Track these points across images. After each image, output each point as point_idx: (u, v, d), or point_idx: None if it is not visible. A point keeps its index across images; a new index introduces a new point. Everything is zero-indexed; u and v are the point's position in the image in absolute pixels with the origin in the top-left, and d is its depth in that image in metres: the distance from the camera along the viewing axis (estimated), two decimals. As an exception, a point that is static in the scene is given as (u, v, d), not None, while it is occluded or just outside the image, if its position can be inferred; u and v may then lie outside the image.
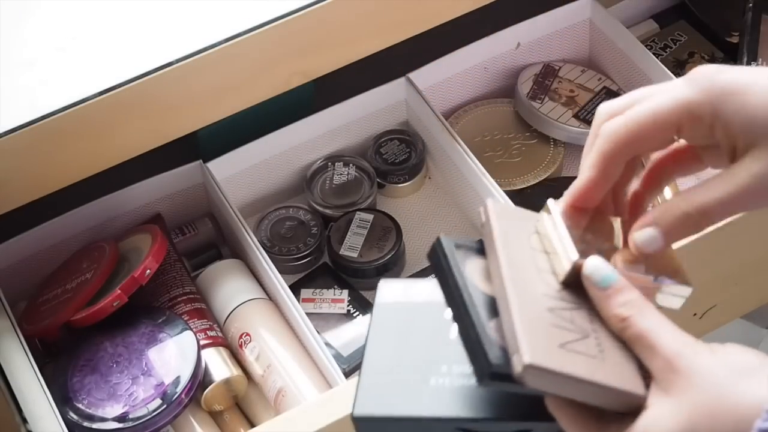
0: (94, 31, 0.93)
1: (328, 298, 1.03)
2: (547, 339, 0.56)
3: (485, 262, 0.60)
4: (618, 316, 0.58)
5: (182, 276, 1.01)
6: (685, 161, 0.65)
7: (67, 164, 0.92)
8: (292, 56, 0.95)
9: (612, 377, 0.56)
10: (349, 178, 1.10)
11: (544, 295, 0.59)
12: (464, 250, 0.61)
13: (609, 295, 0.59)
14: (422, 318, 0.63)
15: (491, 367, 0.55)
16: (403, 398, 0.60)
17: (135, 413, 0.89)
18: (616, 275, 0.59)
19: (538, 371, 0.54)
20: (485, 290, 0.59)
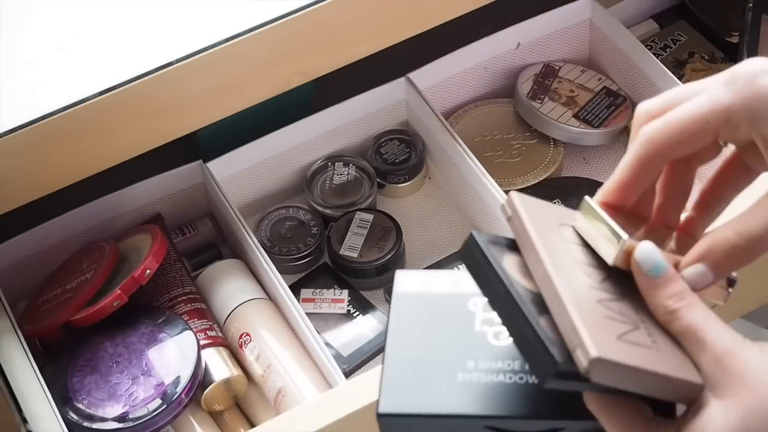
0: (94, 31, 0.93)
1: (328, 298, 1.03)
2: (605, 331, 0.55)
3: (519, 258, 0.58)
4: (666, 307, 0.57)
5: (182, 276, 1.01)
6: (735, 178, 0.63)
7: (67, 164, 0.92)
8: (292, 56, 0.95)
9: (671, 367, 0.55)
10: (349, 178, 1.10)
11: (590, 287, 0.57)
12: (497, 245, 0.59)
13: (658, 285, 0.57)
14: (444, 310, 0.61)
15: (557, 365, 0.53)
16: (429, 395, 0.58)
17: (135, 413, 0.89)
18: (667, 264, 0.58)
19: (605, 365, 0.53)
20: (529, 287, 0.57)
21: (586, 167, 1.12)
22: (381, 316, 1.01)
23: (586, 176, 1.10)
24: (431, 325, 0.61)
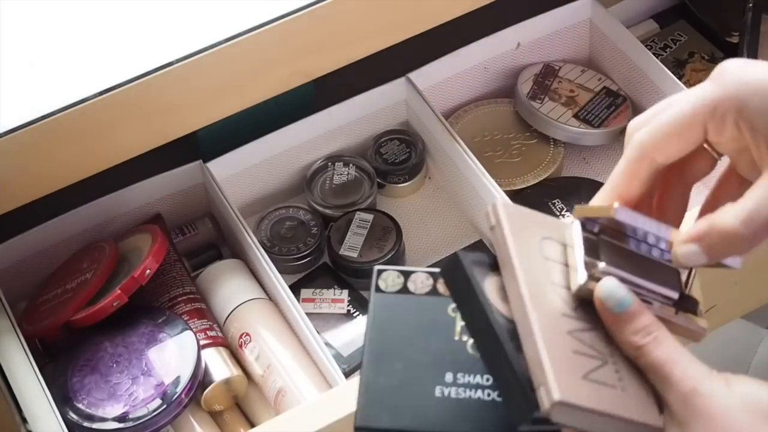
0: (95, 31, 0.93)
1: (328, 298, 1.03)
2: (571, 370, 0.55)
3: (500, 279, 0.58)
4: (632, 343, 0.56)
5: (182, 276, 1.01)
6: (732, 192, 0.62)
7: (67, 164, 0.92)
8: (292, 56, 0.95)
9: (633, 409, 0.55)
10: (349, 178, 1.10)
11: (563, 316, 0.57)
12: (480, 267, 0.59)
13: (623, 321, 0.57)
14: (424, 314, 0.61)
15: (533, 413, 0.54)
16: (407, 410, 0.58)
17: (135, 413, 0.89)
18: (631, 298, 0.57)
19: (566, 407, 0.53)
20: (505, 312, 0.57)
21: (586, 167, 1.12)
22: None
23: (586, 176, 1.10)
24: (410, 332, 0.60)
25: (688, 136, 0.60)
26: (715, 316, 1.00)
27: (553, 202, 1.07)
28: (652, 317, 0.57)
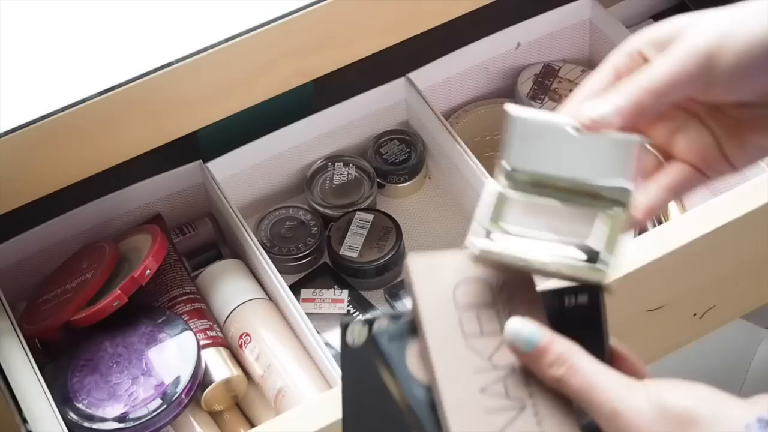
0: (95, 31, 0.93)
1: (328, 298, 1.03)
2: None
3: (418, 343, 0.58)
4: (551, 377, 0.57)
5: (182, 276, 1.01)
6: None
7: (67, 164, 0.92)
8: (292, 56, 0.95)
9: None
10: (349, 178, 1.10)
11: (476, 372, 0.57)
12: (399, 335, 0.59)
13: (537, 357, 0.57)
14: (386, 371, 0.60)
15: None
16: None
17: (135, 413, 0.89)
18: (539, 334, 0.58)
19: None
20: (423, 379, 0.57)
21: (586, 167, 1.12)
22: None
23: (586, 176, 1.10)
24: (379, 385, 0.59)
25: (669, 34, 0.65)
26: (715, 316, 1.00)
27: (553, 202, 1.07)
28: (563, 344, 0.58)
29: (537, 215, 0.65)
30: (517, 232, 0.63)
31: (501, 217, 0.63)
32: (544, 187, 0.65)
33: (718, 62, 0.63)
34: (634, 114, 0.65)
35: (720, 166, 0.68)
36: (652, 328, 0.96)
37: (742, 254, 0.96)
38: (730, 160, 0.68)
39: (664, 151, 0.69)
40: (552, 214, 0.65)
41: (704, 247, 0.89)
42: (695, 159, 0.68)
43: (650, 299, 0.92)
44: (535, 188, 0.65)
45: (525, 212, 0.65)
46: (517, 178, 0.65)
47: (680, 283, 0.93)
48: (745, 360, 1.27)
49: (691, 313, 0.98)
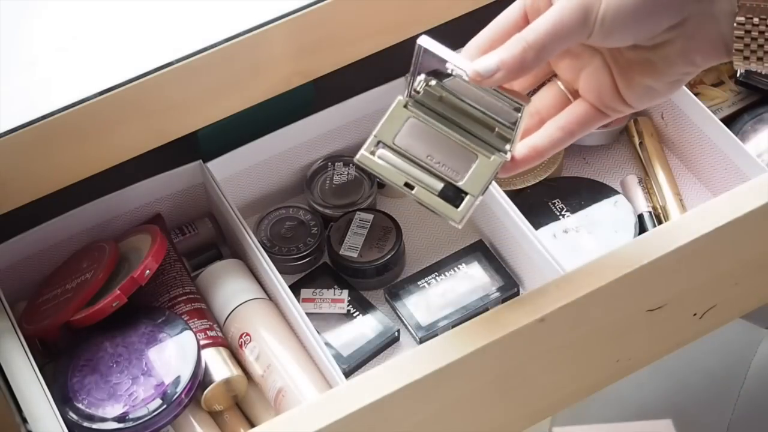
0: (95, 31, 0.93)
1: (328, 298, 1.03)
2: None
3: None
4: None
5: (182, 276, 1.01)
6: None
7: (67, 164, 0.92)
8: (292, 56, 0.95)
9: None
10: (349, 178, 1.10)
11: None
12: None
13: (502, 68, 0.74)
14: None
15: None
16: None
17: (135, 413, 0.89)
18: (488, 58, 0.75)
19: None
20: None
21: (586, 167, 1.12)
22: (381, 316, 1.01)
23: (586, 176, 1.10)
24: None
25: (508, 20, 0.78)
26: (715, 316, 1.00)
27: (553, 202, 1.07)
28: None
29: (427, 141, 0.77)
30: (402, 150, 0.77)
31: (394, 132, 0.77)
32: (448, 110, 0.78)
33: (593, 14, 0.71)
34: (517, 68, 0.73)
35: (615, 104, 0.76)
36: (652, 328, 0.96)
37: (742, 254, 0.96)
38: (623, 98, 0.76)
39: (571, 88, 0.78)
40: (440, 144, 0.77)
41: (704, 247, 0.89)
42: (594, 97, 0.79)
43: (650, 299, 0.92)
44: (438, 111, 0.78)
45: (418, 135, 0.77)
46: (426, 97, 0.78)
47: (680, 283, 0.93)
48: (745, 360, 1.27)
49: (691, 313, 0.98)
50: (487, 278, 1.02)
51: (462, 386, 0.86)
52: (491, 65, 0.73)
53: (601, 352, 0.95)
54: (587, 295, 0.85)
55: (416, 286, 1.02)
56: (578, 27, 0.72)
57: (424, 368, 0.82)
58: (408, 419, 0.85)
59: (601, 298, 0.86)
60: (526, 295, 0.87)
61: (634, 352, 0.98)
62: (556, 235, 1.03)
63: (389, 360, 0.97)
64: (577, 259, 0.96)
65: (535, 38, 0.72)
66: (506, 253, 1.03)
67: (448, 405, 0.88)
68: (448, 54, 0.75)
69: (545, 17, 0.72)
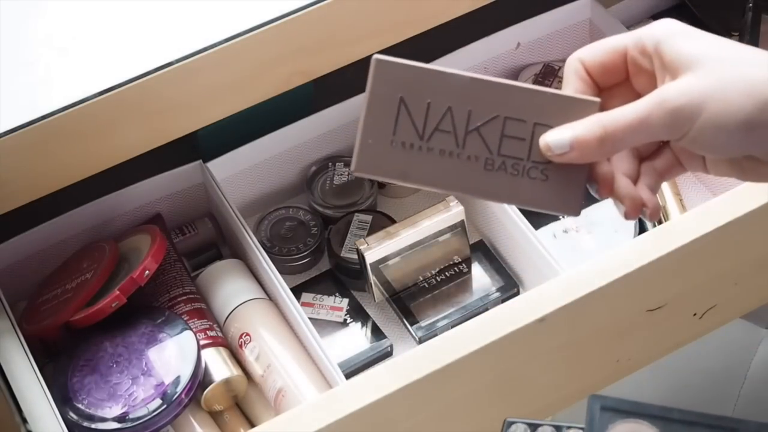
0: (95, 31, 0.93)
1: (327, 305, 1.03)
2: None
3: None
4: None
5: (182, 276, 1.01)
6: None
7: (67, 164, 0.92)
8: (292, 56, 0.95)
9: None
10: (350, 178, 1.10)
11: None
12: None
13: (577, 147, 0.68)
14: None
15: None
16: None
17: (135, 413, 0.89)
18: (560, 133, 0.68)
19: None
20: None
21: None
22: (377, 329, 1.01)
23: (586, 176, 1.10)
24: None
25: (613, 56, 0.70)
26: (715, 316, 1.00)
27: (553, 202, 1.07)
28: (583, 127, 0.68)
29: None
30: None
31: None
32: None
33: (686, 124, 0.66)
34: (591, 154, 0.68)
35: (693, 164, 0.71)
36: (652, 328, 0.96)
37: (742, 254, 0.96)
38: (707, 169, 0.71)
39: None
40: None
41: (704, 247, 0.89)
42: (678, 150, 0.71)
43: (650, 299, 0.92)
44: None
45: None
46: None
47: (680, 283, 0.93)
48: (745, 360, 1.27)
49: (691, 313, 0.98)
50: (487, 278, 1.02)
51: (462, 386, 0.86)
52: (564, 142, 0.68)
53: (601, 352, 0.95)
54: (587, 295, 0.85)
55: (416, 285, 1.02)
56: (664, 131, 0.67)
57: (424, 368, 0.82)
58: (408, 419, 0.85)
59: (601, 298, 0.86)
60: (526, 295, 0.87)
61: (634, 352, 0.98)
62: (556, 235, 1.03)
63: (389, 360, 0.97)
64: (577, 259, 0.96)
65: (615, 130, 0.67)
66: (506, 253, 1.03)
67: (448, 405, 0.88)
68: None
69: (631, 110, 0.67)
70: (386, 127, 0.69)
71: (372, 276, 1.00)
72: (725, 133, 0.65)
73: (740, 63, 0.66)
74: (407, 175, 0.68)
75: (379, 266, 1.00)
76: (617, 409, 0.61)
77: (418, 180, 0.67)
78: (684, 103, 0.65)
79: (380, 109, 0.70)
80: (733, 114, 0.65)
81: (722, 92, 0.65)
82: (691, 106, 0.65)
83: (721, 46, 0.68)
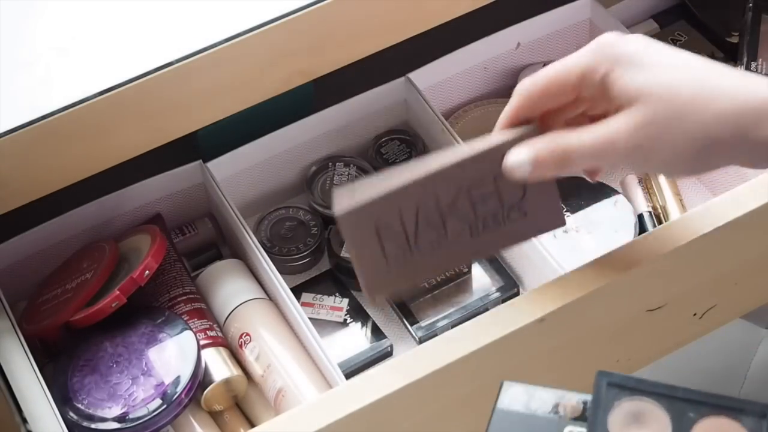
0: (94, 31, 0.93)
1: (327, 305, 1.03)
2: None
3: None
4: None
5: (182, 276, 1.01)
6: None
7: (68, 164, 0.92)
8: (292, 56, 0.95)
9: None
10: (350, 178, 1.10)
11: None
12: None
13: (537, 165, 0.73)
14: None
15: None
16: None
17: (135, 413, 0.89)
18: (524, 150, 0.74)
19: None
20: None
21: (586, 167, 1.12)
22: (377, 329, 1.01)
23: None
24: None
25: (563, 88, 0.74)
26: (715, 316, 1.00)
27: (553, 202, 1.07)
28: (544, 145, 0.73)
29: None
30: None
31: None
32: None
33: (649, 155, 0.70)
34: (550, 172, 0.72)
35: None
36: (652, 328, 0.96)
37: (742, 254, 0.96)
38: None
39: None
40: None
41: (704, 247, 0.89)
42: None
43: (650, 299, 0.92)
44: None
45: None
46: None
47: (680, 283, 0.92)
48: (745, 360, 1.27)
49: (691, 313, 0.98)
50: (487, 278, 1.02)
51: (462, 386, 0.86)
52: (524, 162, 0.72)
53: (601, 352, 0.95)
54: (587, 295, 0.85)
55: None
56: (629, 158, 0.70)
57: (424, 368, 0.82)
58: (408, 419, 0.85)
59: (601, 298, 0.86)
60: (526, 295, 0.86)
61: (634, 352, 0.98)
62: (556, 235, 1.03)
63: (389, 360, 0.97)
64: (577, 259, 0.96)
65: (580, 155, 0.71)
66: (506, 253, 1.03)
67: (448, 405, 0.87)
68: None
69: (599, 132, 0.70)
70: (377, 256, 0.73)
71: None
72: (681, 163, 0.69)
73: (690, 88, 0.68)
74: (414, 278, 0.74)
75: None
76: (623, 385, 0.62)
77: (424, 276, 0.75)
78: (634, 146, 0.69)
79: (364, 246, 0.73)
80: (688, 143, 0.68)
81: (672, 127, 0.68)
82: (641, 148, 0.69)
83: (669, 72, 0.69)
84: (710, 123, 0.68)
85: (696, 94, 0.68)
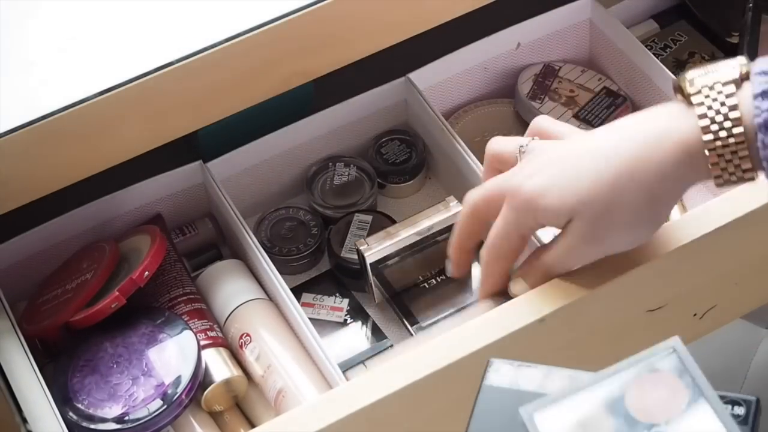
0: (94, 31, 0.93)
1: (327, 305, 1.03)
2: None
3: None
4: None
5: (182, 276, 1.01)
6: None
7: (67, 164, 0.92)
8: (292, 56, 0.95)
9: None
10: (350, 178, 1.10)
11: None
12: None
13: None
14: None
15: None
16: None
17: (135, 414, 0.89)
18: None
19: None
20: None
21: (586, 167, 1.12)
22: (377, 329, 1.01)
23: (586, 176, 1.10)
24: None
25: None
26: (715, 316, 1.00)
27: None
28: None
29: None
30: None
31: None
32: None
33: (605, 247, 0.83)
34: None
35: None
36: (652, 328, 0.96)
37: (742, 254, 0.96)
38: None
39: None
40: None
41: (704, 247, 0.89)
42: None
43: (650, 299, 0.92)
44: None
45: None
46: None
47: (680, 283, 0.92)
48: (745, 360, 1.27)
49: (691, 313, 0.98)
50: (487, 278, 1.02)
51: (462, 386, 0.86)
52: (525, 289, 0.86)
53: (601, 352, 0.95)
54: (587, 295, 0.85)
55: (416, 285, 1.02)
56: (600, 255, 0.85)
57: (424, 368, 0.82)
58: (408, 419, 0.85)
59: (601, 298, 0.86)
60: (525, 296, 0.86)
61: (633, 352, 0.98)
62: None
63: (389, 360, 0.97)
64: (577, 259, 0.96)
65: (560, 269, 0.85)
66: (506, 253, 1.03)
67: (448, 405, 0.87)
68: None
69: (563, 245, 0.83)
70: None
71: (372, 276, 1.00)
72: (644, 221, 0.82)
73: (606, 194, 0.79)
74: None
75: (379, 266, 1.00)
76: None
77: None
78: (586, 259, 0.84)
79: None
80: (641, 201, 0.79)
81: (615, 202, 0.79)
82: (600, 242, 0.81)
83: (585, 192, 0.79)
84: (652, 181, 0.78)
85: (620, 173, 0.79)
